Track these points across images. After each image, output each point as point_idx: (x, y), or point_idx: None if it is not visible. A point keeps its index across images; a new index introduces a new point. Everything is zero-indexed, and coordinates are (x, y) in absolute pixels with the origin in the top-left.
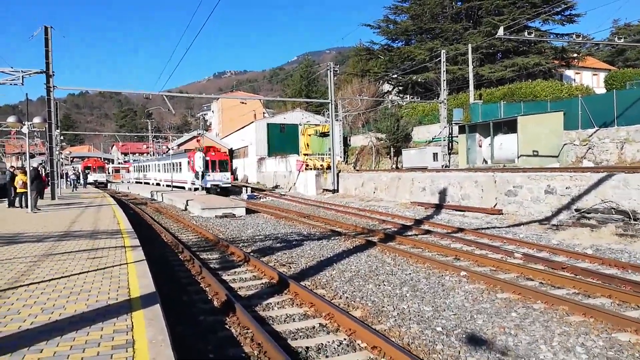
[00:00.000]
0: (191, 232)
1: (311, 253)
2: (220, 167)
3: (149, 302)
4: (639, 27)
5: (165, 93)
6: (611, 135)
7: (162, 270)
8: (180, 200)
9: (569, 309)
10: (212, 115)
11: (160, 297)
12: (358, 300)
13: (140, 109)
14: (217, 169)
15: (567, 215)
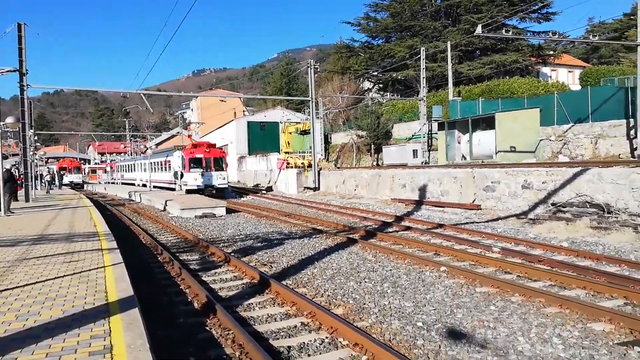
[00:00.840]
0: (170, 233)
1: (292, 252)
2: (215, 166)
3: (127, 305)
4: (614, 25)
5: (143, 91)
6: (586, 131)
7: (141, 272)
8: (158, 200)
9: (546, 301)
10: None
11: (139, 300)
12: (339, 298)
13: (117, 107)
14: (212, 167)
15: (544, 210)
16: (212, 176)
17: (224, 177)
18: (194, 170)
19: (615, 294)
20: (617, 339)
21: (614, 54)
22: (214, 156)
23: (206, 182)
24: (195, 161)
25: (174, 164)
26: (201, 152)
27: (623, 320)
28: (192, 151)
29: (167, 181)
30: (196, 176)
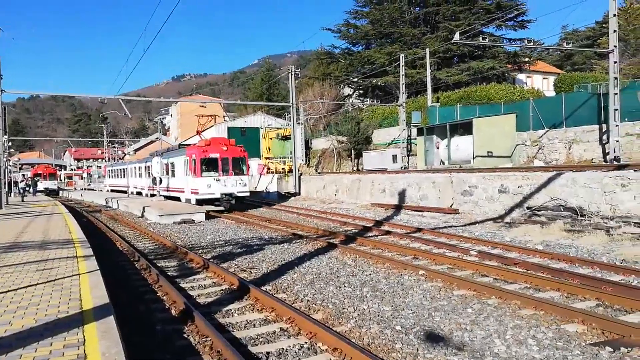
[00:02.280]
0: (148, 240)
1: (272, 257)
2: (235, 168)
3: (103, 313)
4: (586, 33)
5: (121, 97)
6: (560, 136)
7: (117, 280)
8: (136, 206)
9: (521, 303)
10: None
11: (115, 308)
12: (319, 302)
13: (94, 113)
14: (231, 171)
15: (520, 213)
16: (230, 182)
17: (245, 182)
18: (208, 174)
19: (588, 296)
20: (590, 340)
21: (586, 61)
22: (232, 156)
23: (223, 189)
24: (209, 163)
25: (153, 169)
26: (216, 151)
27: (595, 321)
28: (205, 150)
29: (176, 188)
30: (210, 182)
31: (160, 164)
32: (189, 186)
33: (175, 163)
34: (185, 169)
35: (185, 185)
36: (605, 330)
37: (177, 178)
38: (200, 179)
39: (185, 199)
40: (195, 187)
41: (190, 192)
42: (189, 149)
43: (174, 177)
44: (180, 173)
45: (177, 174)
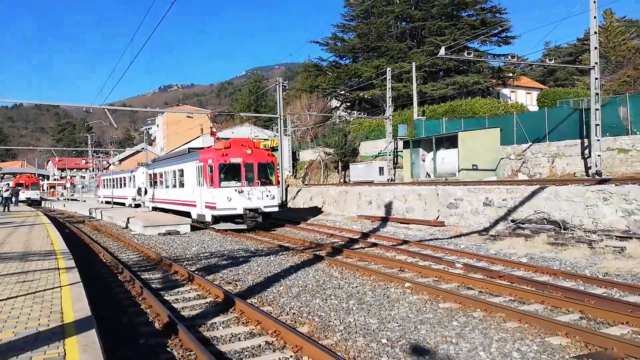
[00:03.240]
0: (132, 251)
1: (258, 270)
2: (261, 176)
3: (85, 327)
4: (568, 50)
5: (107, 106)
6: (543, 150)
7: (100, 292)
8: (120, 217)
9: (506, 315)
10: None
11: (97, 321)
12: (305, 315)
13: (79, 122)
14: (256, 180)
15: (504, 226)
16: (256, 194)
17: (274, 195)
18: (227, 184)
19: (571, 309)
20: (574, 352)
21: (569, 77)
22: (258, 161)
23: (246, 203)
24: (230, 170)
25: (138, 180)
26: (239, 155)
27: (579, 334)
28: (224, 153)
29: (185, 201)
30: (230, 194)
31: (145, 174)
32: (202, 199)
33: (184, 170)
34: (198, 177)
35: (197, 197)
36: (588, 343)
37: (186, 189)
38: (218, 190)
39: (197, 215)
40: (212, 201)
41: (205, 206)
42: (203, 152)
43: (182, 188)
44: (191, 183)
45: (186, 184)
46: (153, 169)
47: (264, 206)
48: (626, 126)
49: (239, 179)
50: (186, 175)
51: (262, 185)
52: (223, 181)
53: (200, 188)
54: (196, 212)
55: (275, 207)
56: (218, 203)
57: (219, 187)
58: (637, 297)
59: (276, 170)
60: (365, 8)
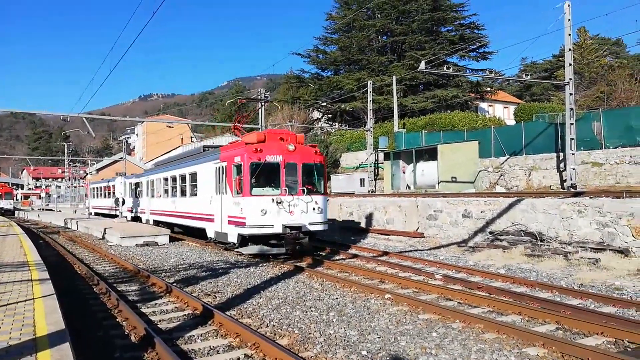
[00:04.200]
0: (108, 263)
1: (238, 281)
2: (306, 182)
3: (58, 340)
4: (544, 65)
5: (85, 115)
6: (520, 163)
7: (75, 304)
8: (97, 228)
9: (484, 326)
10: (136, 139)
11: (71, 334)
12: (285, 327)
13: (56, 131)
14: (300, 187)
15: (482, 238)
16: (300, 206)
17: (322, 208)
18: (262, 192)
19: (548, 319)
20: None
21: (544, 92)
22: (304, 161)
23: (287, 219)
24: (266, 172)
25: (117, 190)
26: (278, 152)
27: (555, 345)
28: (258, 149)
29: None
30: (266, 206)
31: (124, 184)
32: (224, 211)
33: (198, 174)
34: (218, 182)
35: (216, 209)
36: (564, 354)
37: (200, 198)
38: (249, 200)
39: (216, 233)
40: (239, 214)
41: (228, 221)
42: (226, 149)
43: (194, 197)
44: (207, 190)
45: (200, 192)
46: (152, 175)
47: (309, 223)
48: (600, 140)
49: (278, 185)
50: (200, 181)
51: (308, 194)
52: (255, 187)
53: (221, 197)
54: (214, 229)
55: (323, 224)
56: (249, 218)
57: (250, 195)
58: (611, 308)
59: (325, 174)
60: (347, 22)
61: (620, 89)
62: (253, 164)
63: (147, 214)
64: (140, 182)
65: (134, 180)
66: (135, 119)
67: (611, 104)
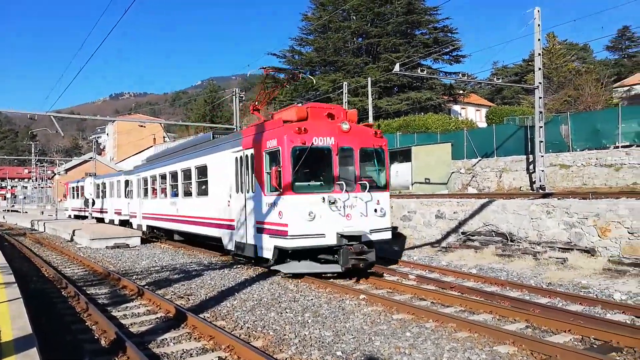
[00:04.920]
0: (77, 265)
1: (212, 283)
2: (365, 174)
3: (25, 345)
4: (515, 69)
5: (53, 113)
6: (491, 165)
7: (42, 309)
8: (65, 230)
9: (457, 325)
10: (107, 139)
11: (38, 339)
12: (260, 329)
13: (23, 129)
14: (358, 180)
15: (455, 238)
16: (359, 207)
17: (384, 210)
18: (307, 187)
19: (518, 318)
20: None
21: (515, 95)
22: (362, 146)
23: (343, 224)
24: (312, 159)
25: (86, 190)
26: (328, 132)
27: (525, 343)
28: (302, 129)
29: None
30: (314, 206)
31: (93, 184)
32: (251, 216)
33: (208, 168)
34: (238, 177)
35: (236, 213)
36: (534, 351)
37: (211, 199)
38: (291, 199)
39: (236, 244)
40: (277, 220)
41: (258, 229)
42: (251, 132)
43: (203, 197)
44: (221, 188)
45: (213, 190)
46: (145, 171)
47: (370, 230)
48: (567, 143)
49: (329, 179)
50: (212, 176)
51: (370, 190)
52: (300, 180)
53: (244, 196)
54: (234, 238)
55: (387, 230)
56: (292, 224)
57: (292, 193)
58: (578, 306)
59: (387, 163)
60: (323, 23)
61: (587, 93)
62: (296, 150)
63: (139, 219)
64: (129, 180)
65: (123, 178)
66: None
67: (578, 108)
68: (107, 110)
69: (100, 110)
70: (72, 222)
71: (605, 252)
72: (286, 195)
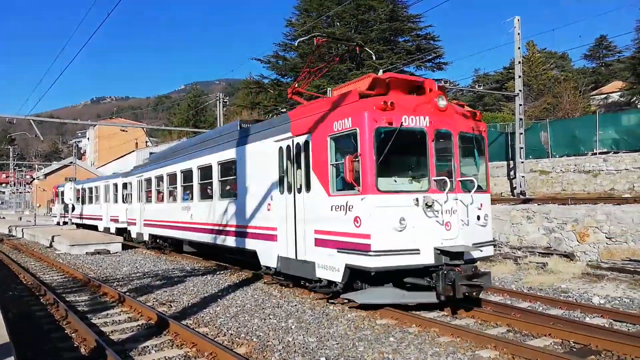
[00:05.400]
0: (56, 272)
1: (195, 289)
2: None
3: (2, 354)
4: (495, 77)
5: (32, 117)
6: None
7: (20, 316)
8: (44, 236)
9: (440, 330)
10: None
11: (16, 347)
12: (243, 336)
13: (0, 133)
14: (458, 175)
15: None
16: (460, 212)
17: (487, 215)
18: (393, 184)
19: (499, 322)
20: None
21: (496, 102)
22: (461, 130)
23: (442, 236)
24: (399, 147)
25: (65, 196)
26: (420, 110)
27: (507, 347)
28: (387, 103)
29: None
30: (405, 210)
31: (73, 189)
32: (310, 224)
33: (237, 164)
34: (284, 173)
35: (281, 220)
36: (515, 355)
37: (242, 202)
38: (376, 200)
39: (282, 260)
40: (351, 230)
41: (317, 241)
42: (306, 111)
43: (230, 200)
44: (258, 187)
45: (245, 191)
46: (148, 171)
47: (473, 244)
48: (547, 150)
49: (423, 174)
50: (242, 173)
51: (470, 191)
52: (383, 175)
53: (294, 198)
54: (278, 252)
55: (489, 245)
56: (377, 235)
57: (376, 191)
58: (558, 310)
59: (487, 155)
60: (307, 29)
61: (565, 101)
62: (380, 132)
63: (139, 226)
64: (127, 182)
65: (121, 181)
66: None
67: (557, 115)
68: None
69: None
70: (51, 227)
71: (584, 256)
72: (368, 195)
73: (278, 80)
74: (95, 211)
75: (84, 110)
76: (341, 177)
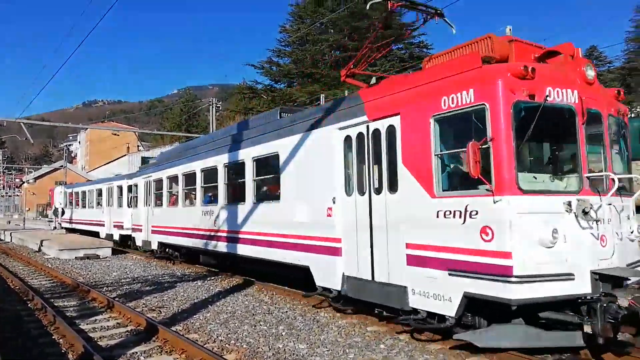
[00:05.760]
0: (45, 277)
1: (185, 295)
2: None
3: None
4: None
5: (23, 120)
6: None
7: (7, 321)
8: (33, 240)
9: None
10: (79, 147)
11: (3, 353)
12: (233, 342)
13: None
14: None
15: None
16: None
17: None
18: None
19: None
20: None
21: None
22: (610, 111)
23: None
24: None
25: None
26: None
27: (496, 355)
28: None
29: (280, 239)
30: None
31: (63, 193)
32: (399, 236)
33: (279, 157)
34: (354, 168)
35: (349, 229)
36: None
37: (287, 206)
38: (517, 203)
39: (348, 282)
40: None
41: (407, 257)
42: (387, 87)
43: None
44: (312, 189)
45: (292, 193)
46: (158, 171)
47: (628, 264)
48: None
49: (572, 168)
50: (292, 170)
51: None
52: (523, 171)
53: (370, 200)
54: (345, 270)
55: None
56: (521, 253)
57: (518, 191)
58: None
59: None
60: (301, 35)
61: None
62: (520, 107)
63: (146, 233)
64: (135, 184)
65: (125, 183)
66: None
67: None
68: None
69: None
70: (40, 232)
71: None
72: (506, 195)
73: (271, 86)
74: (96, 216)
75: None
76: (450, 172)
